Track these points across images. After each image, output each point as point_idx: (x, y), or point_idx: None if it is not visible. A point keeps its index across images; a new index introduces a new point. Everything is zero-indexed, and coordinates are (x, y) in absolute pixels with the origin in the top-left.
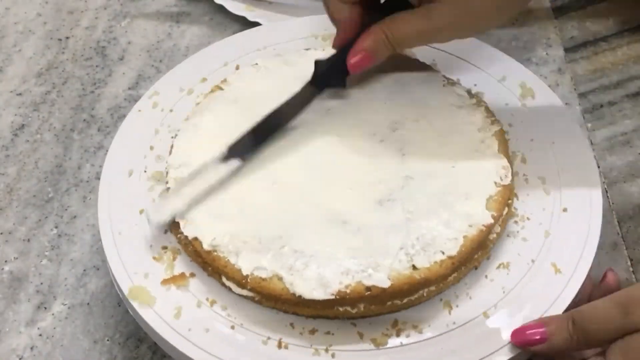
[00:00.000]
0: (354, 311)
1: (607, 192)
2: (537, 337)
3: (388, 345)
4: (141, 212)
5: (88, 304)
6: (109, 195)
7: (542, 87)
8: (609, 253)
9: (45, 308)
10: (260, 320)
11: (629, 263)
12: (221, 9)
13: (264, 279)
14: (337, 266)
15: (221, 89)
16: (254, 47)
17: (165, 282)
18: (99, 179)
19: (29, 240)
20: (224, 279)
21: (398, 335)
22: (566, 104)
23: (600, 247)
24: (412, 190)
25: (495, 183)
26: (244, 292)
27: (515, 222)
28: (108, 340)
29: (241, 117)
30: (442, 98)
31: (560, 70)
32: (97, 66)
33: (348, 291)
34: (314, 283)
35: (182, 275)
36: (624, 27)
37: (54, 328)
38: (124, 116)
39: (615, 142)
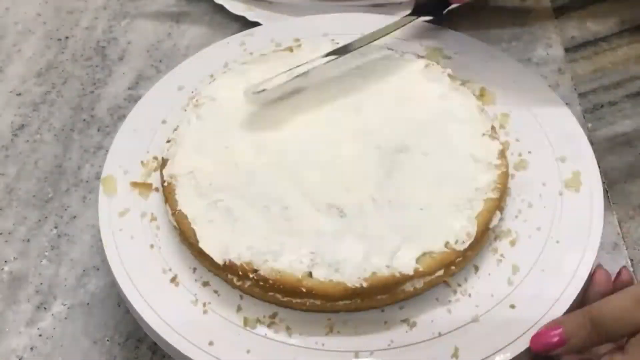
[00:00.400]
0: (238, 284)
1: (607, 192)
2: (556, 340)
3: (253, 331)
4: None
5: (88, 304)
6: (109, 195)
7: (595, 182)
8: (609, 253)
9: (45, 308)
10: (173, 245)
11: (629, 263)
12: (221, 9)
13: (185, 218)
14: (248, 239)
15: (291, 51)
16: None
17: (132, 184)
18: (99, 179)
19: (28, 240)
20: (166, 203)
21: (269, 327)
22: (567, 104)
23: (600, 247)
24: (367, 213)
25: (446, 243)
26: (172, 221)
27: (454, 291)
28: (108, 340)
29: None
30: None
31: (560, 70)
32: (97, 66)
33: (238, 264)
34: (218, 244)
35: (149, 185)
36: (624, 27)
37: (54, 328)
38: (124, 116)
39: (615, 142)
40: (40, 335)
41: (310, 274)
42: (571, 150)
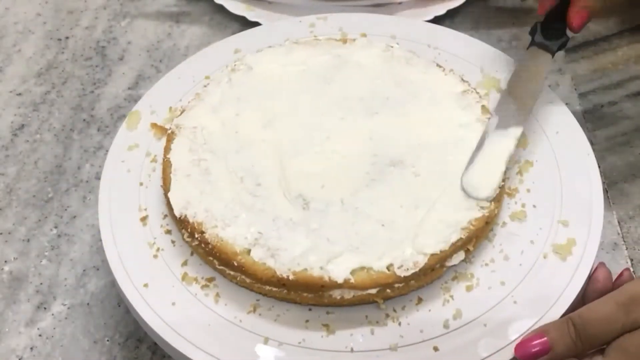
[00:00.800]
0: (187, 240)
1: (607, 192)
2: (540, 348)
3: (187, 287)
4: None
5: (88, 304)
6: (109, 194)
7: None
8: (609, 253)
9: (45, 308)
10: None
11: (629, 263)
12: (221, 9)
13: (169, 167)
14: (209, 202)
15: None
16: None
17: (151, 124)
18: (99, 179)
19: (28, 240)
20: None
21: (202, 288)
22: (566, 104)
23: (600, 247)
24: (330, 213)
25: (389, 265)
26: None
27: (386, 315)
28: (108, 340)
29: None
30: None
31: (560, 70)
32: (97, 66)
33: (190, 221)
34: (182, 198)
35: (164, 129)
36: (624, 27)
37: (54, 328)
38: (124, 116)
39: (615, 142)
40: (40, 335)
41: (248, 252)
42: (571, 152)
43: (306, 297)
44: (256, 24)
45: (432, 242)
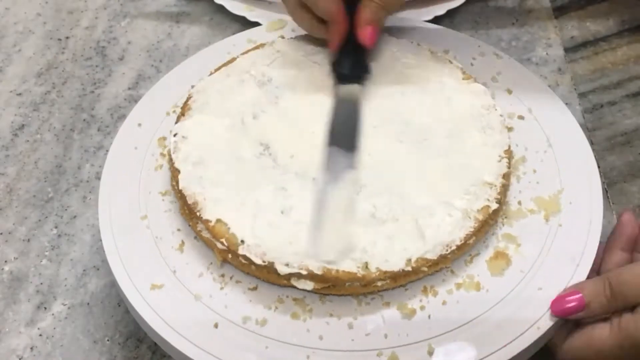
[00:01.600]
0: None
1: (607, 192)
2: (575, 305)
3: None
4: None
5: (88, 304)
6: (109, 194)
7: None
8: None
9: (45, 308)
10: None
11: None
12: (221, 9)
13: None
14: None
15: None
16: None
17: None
18: (99, 179)
19: (29, 240)
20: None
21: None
22: (566, 104)
23: (600, 247)
24: (269, 177)
25: (249, 253)
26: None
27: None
28: (108, 340)
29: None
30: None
31: (560, 70)
32: (97, 66)
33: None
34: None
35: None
36: (624, 27)
37: (54, 328)
38: (124, 116)
39: (615, 142)
40: (40, 335)
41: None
42: (571, 152)
43: (187, 214)
44: (256, 24)
45: (292, 259)
